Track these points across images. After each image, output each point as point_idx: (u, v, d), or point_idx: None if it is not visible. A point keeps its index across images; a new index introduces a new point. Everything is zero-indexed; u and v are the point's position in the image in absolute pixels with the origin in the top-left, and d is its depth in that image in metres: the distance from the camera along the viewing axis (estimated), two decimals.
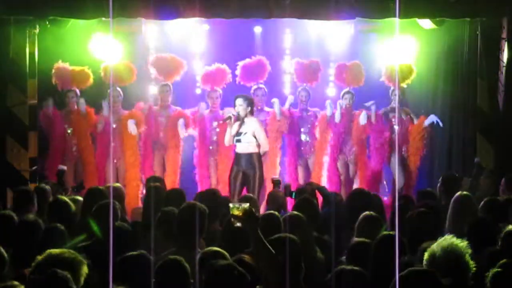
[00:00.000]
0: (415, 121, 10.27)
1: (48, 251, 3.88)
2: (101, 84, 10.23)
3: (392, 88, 10.35)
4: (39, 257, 3.87)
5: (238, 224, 4.21)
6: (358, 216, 5.79)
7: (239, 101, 9.22)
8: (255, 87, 10.19)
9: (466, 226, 5.37)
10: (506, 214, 6.09)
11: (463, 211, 6.17)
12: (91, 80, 10.15)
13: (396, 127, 10.25)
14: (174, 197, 6.62)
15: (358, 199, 6.67)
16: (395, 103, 10.25)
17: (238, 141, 9.24)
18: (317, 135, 10.35)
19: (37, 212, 6.38)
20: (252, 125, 9.23)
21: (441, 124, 10.16)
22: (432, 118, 10.09)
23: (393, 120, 10.33)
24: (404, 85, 10.36)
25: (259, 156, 9.31)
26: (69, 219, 5.82)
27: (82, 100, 10.02)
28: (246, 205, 4.22)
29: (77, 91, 10.17)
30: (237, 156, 9.37)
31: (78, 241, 5.30)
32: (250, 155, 9.23)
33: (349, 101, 10.33)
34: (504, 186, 7.70)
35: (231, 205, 4.28)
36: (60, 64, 10.07)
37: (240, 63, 10.27)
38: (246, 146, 9.24)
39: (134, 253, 4.42)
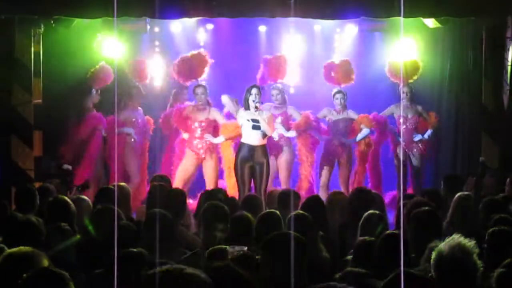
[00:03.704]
0: (427, 118, 10.24)
1: (6, 251, 3.88)
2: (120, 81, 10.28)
3: (400, 85, 10.30)
4: None
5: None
6: (361, 215, 5.79)
7: (255, 90, 8.98)
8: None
9: None
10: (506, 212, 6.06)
11: (463, 211, 6.17)
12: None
13: (402, 128, 10.21)
14: (174, 196, 6.62)
15: (360, 197, 6.67)
16: (403, 101, 10.21)
17: (256, 127, 8.92)
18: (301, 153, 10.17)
19: (39, 211, 6.38)
20: (265, 115, 9.03)
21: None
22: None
23: (400, 119, 10.27)
24: (411, 81, 10.31)
25: (265, 148, 9.20)
26: (69, 218, 5.81)
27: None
28: (244, 249, 4.20)
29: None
30: (242, 147, 9.02)
31: (76, 240, 5.31)
32: (257, 147, 8.99)
33: (341, 101, 10.15)
34: (509, 186, 7.68)
35: (229, 249, 4.26)
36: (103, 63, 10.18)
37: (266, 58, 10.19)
38: (258, 137, 8.98)
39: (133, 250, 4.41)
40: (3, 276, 3.69)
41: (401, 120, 10.17)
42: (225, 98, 9.22)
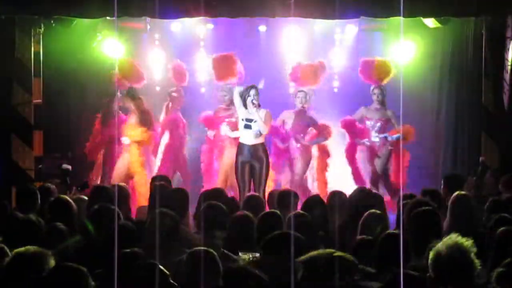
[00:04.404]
0: (396, 126, 10.05)
1: (15, 250, 3.88)
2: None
3: (372, 87, 10.24)
4: (7, 259, 3.88)
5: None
6: (361, 214, 5.79)
7: (253, 91, 8.94)
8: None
9: None
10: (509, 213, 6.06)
11: (461, 211, 6.16)
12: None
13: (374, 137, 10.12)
14: (177, 197, 6.62)
15: (360, 197, 6.67)
16: (375, 103, 10.11)
17: (248, 127, 8.92)
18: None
19: (39, 211, 6.38)
20: (262, 114, 8.97)
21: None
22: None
23: (367, 122, 10.14)
24: (384, 83, 10.15)
25: (264, 146, 9.20)
26: (70, 218, 5.81)
27: None
28: (256, 255, 4.21)
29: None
30: (241, 147, 9.03)
31: (76, 240, 5.31)
32: (256, 146, 8.98)
33: (302, 100, 9.95)
34: (503, 187, 7.68)
35: (241, 255, 4.26)
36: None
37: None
38: (253, 136, 8.96)
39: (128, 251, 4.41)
40: (12, 276, 3.71)
41: (370, 123, 10.08)
42: (236, 91, 9.10)
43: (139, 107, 10.00)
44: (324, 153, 10.24)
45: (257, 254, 4.24)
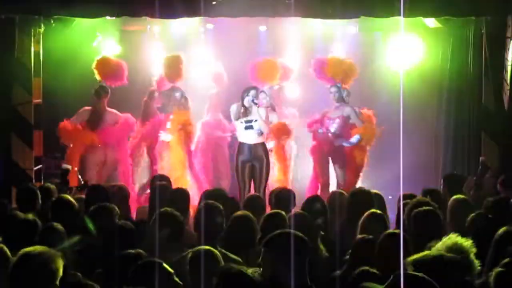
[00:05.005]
0: (358, 124, 9.77)
1: (22, 250, 3.88)
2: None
3: (329, 85, 10.01)
4: (13, 258, 3.88)
5: None
6: (361, 214, 5.79)
7: (253, 92, 9.06)
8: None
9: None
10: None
11: (459, 217, 6.16)
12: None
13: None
14: (178, 196, 6.63)
15: (360, 197, 6.68)
16: (334, 102, 9.93)
17: (249, 127, 9.05)
18: None
19: (40, 211, 6.38)
20: (262, 112, 9.06)
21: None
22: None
23: (327, 122, 9.89)
24: (339, 80, 9.91)
25: (265, 146, 9.21)
26: (72, 218, 5.82)
27: None
28: (258, 271, 4.24)
29: None
30: (242, 147, 9.14)
31: (75, 240, 5.31)
32: (257, 146, 9.07)
33: (263, 101, 9.49)
34: (501, 187, 7.67)
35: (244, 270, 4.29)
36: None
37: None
38: (254, 136, 9.06)
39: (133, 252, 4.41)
40: (19, 275, 3.70)
41: (329, 122, 9.88)
42: (232, 107, 9.28)
43: (94, 107, 9.88)
44: (281, 154, 9.77)
45: (259, 270, 4.27)
